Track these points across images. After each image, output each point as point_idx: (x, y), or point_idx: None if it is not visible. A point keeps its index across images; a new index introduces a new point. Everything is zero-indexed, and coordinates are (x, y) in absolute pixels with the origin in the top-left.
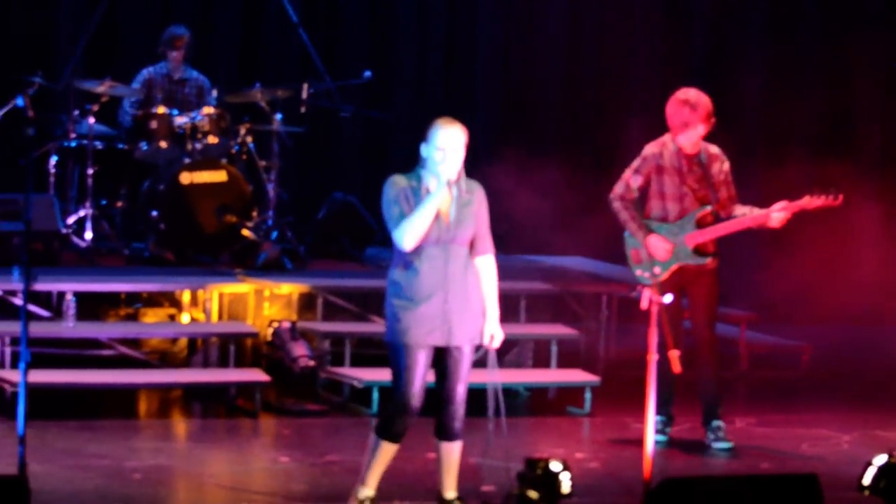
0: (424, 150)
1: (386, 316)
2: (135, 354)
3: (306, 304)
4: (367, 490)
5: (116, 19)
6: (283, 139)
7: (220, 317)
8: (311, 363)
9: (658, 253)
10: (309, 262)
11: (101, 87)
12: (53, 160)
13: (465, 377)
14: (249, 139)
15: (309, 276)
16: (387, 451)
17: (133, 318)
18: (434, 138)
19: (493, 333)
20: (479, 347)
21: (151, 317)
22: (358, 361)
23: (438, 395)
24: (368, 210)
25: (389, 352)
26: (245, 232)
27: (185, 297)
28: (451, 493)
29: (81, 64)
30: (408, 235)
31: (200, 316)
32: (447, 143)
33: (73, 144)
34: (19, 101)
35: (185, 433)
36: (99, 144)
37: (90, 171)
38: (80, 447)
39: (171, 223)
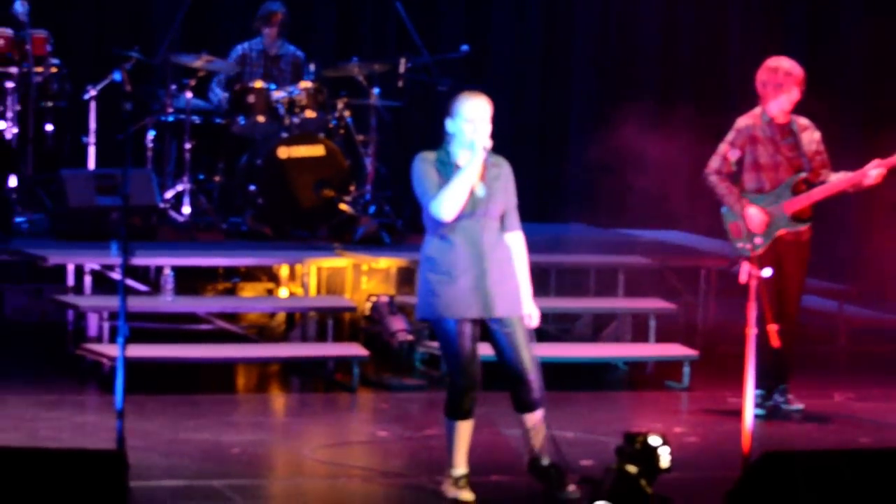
0: (450, 125)
1: (420, 292)
2: (233, 329)
3: (404, 278)
4: (459, 469)
5: None
6: (380, 113)
7: (319, 291)
8: (410, 337)
9: (755, 224)
10: (407, 236)
11: (198, 62)
12: (151, 135)
13: (526, 345)
14: (347, 113)
15: (407, 249)
16: (462, 429)
17: (231, 292)
18: (461, 111)
19: (530, 312)
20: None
21: (249, 291)
22: None
23: (506, 371)
24: None
25: (434, 330)
26: (343, 206)
27: (284, 271)
28: (545, 459)
29: (178, 38)
30: (447, 205)
31: (298, 290)
32: (475, 114)
33: (171, 119)
34: (117, 76)
35: (283, 408)
36: (196, 119)
37: (188, 146)
38: (178, 422)
39: (268, 197)
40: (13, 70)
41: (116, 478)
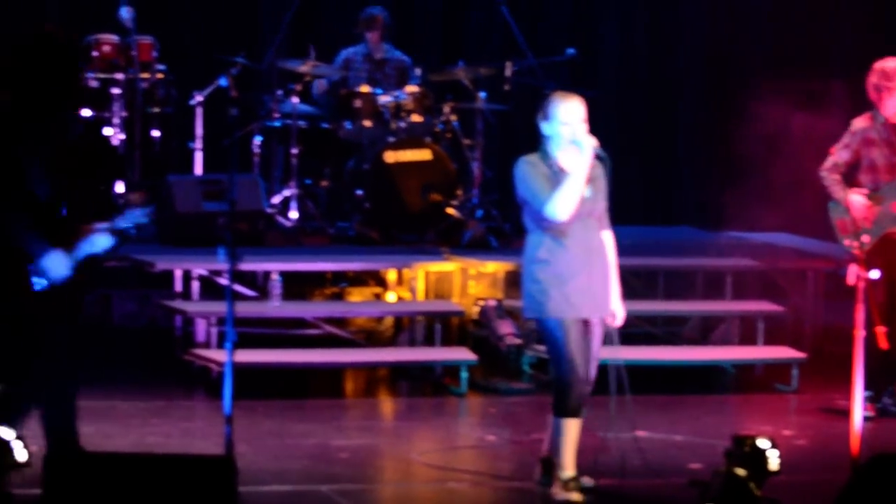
0: (546, 127)
1: (527, 293)
2: (341, 333)
3: (512, 281)
4: (568, 472)
5: None
6: (487, 117)
7: (426, 295)
8: (518, 341)
9: (857, 209)
10: (514, 240)
11: (304, 67)
12: (257, 140)
13: (597, 354)
14: (453, 117)
15: (514, 253)
16: (571, 427)
17: (339, 297)
18: (556, 114)
19: (616, 311)
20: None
21: (357, 296)
22: None
23: None
24: None
25: (542, 329)
26: (450, 210)
27: (391, 275)
28: (570, 471)
29: (284, 44)
30: (562, 206)
31: (406, 294)
32: (570, 117)
33: (277, 124)
34: (223, 82)
35: (392, 412)
36: (303, 124)
37: (294, 151)
38: (286, 427)
39: (376, 202)
40: (120, 76)
41: (225, 483)
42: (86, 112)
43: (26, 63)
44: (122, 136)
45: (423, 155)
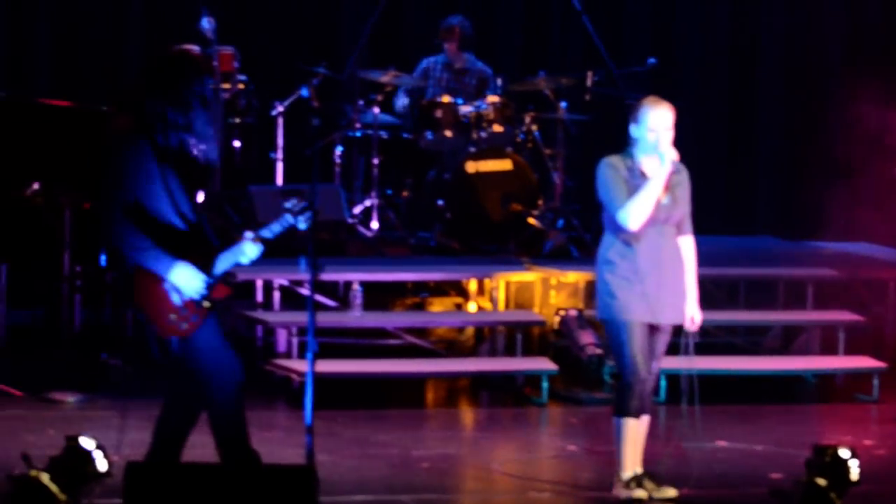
0: (635, 130)
1: (599, 293)
2: (422, 343)
3: (593, 291)
4: (628, 473)
5: (400, 8)
6: (567, 127)
7: (507, 305)
8: (599, 351)
9: None
10: (595, 250)
11: (385, 77)
12: (339, 150)
13: (660, 356)
14: (534, 127)
15: (595, 263)
16: (631, 428)
17: (420, 307)
18: (645, 120)
19: (693, 315)
20: (678, 330)
21: (438, 306)
22: None
23: None
24: None
25: (608, 329)
26: (531, 220)
27: (472, 285)
28: (638, 468)
29: (365, 54)
30: (635, 216)
31: (487, 304)
32: (658, 124)
33: (359, 134)
34: (304, 92)
35: (473, 422)
36: (384, 134)
37: (375, 161)
38: (367, 436)
39: (456, 212)
40: None
41: (306, 493)
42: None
43: (143, 82)
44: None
45: (504, 165)
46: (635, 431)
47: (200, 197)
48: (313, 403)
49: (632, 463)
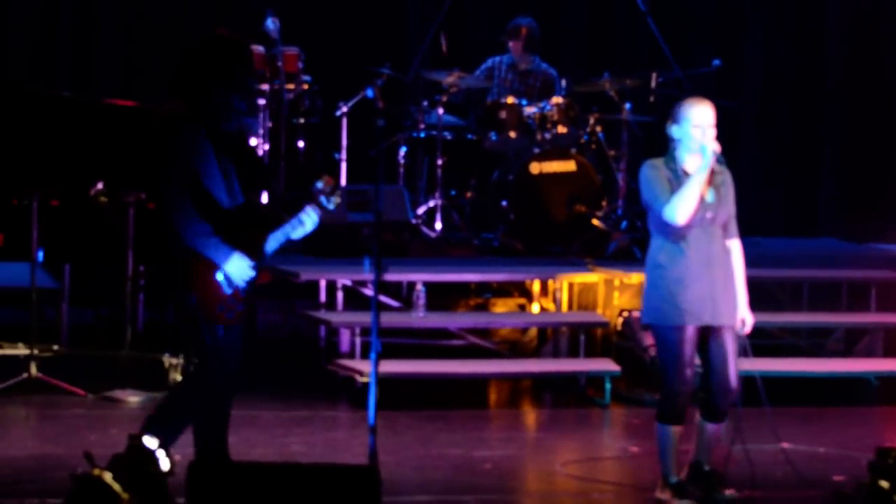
0: (676, 131)
1: (646, 298)
2: (485, 344)
3: None
4: (673, 477)
5: (464, 9)
6: (632, 128)
7: (570, 306)
8: None
9: None
10: None
11: (449, 78)
12: (403, 151)
13: (735, 357)
14: (598, 129)
15: None
16: (674, 434)
17: (483, 307)
18: (689, 116)
19: (745, 318)
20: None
21: (501, 307)
22: None
23: (710, 377)
24: None
25: (656, 334)
26: (595, 221)
27: (535, 286)
28: (706, 466)
29: (430, 55)
30: (681, 209)
31: (550, 306)
32: (703, 120)
33: (423, 135)
34: (369, 93)
35: (535, 423)
36: (448, 135)
37: (439, 162)
38: (430, 437)
39: (520, 213)
40: (265, 87)
41: (369, 493)
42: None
43: (192, 66)
44: (267, 147)
45: (568, 166)
46: (677, 438)
47: (264, 197)
48: (376, 404)
49: (675, 468)
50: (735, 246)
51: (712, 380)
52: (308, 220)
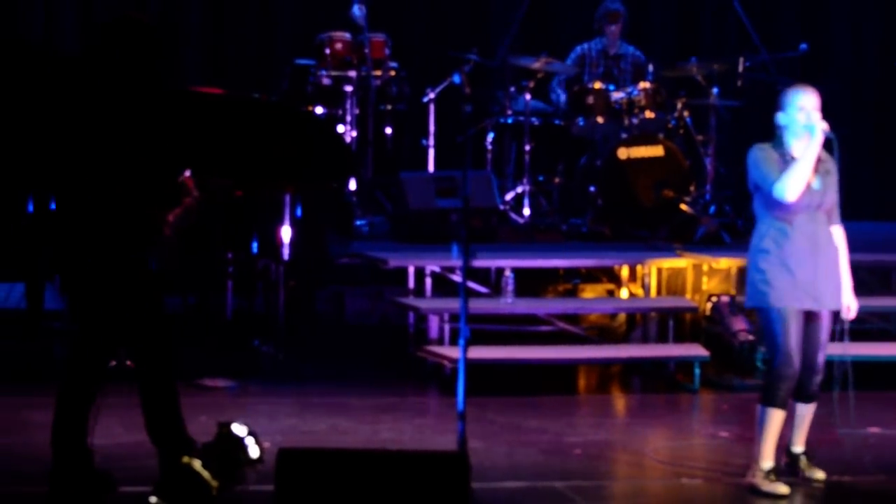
0: (782, 117)
1: (750, 282)
2: (573, 330)
3: (745, 278)
4: (768, 462)
5: None
6: (719, 113)
7: (659, 291)
8: (751, 337)
9: None
10: (747, 236)
11: (537, 64)
12: (490, 137)
13: (825, 343)
14: (686, 113)
15: (747, 249)
16: (776, 418)
17: (571, 293)
18: (793, 102)
19: (849, 304)
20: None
21: (590, 292)
22: None
23: (803, 359)
24: None
25: (761, 318)
26: (683, 206)
27: (624, 272)
28: (799, 447)
29: (517, 40)
30: (791, 187)
31: (639, 291)
32: (807, 103)
33: (510, 121)
34: (456, 79)
35: (624, 408)
36: (535, 121)
37: (527, 148)
38: (519, 423)
39: (608, 198)
40: (352, 74)
41: (458, 479)
42: (319, 109)
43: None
44: (355, 134)
45: (656, 151)
46: (779, 422)
47: (353, 184)
48: (465, 390)
49: (771, 453)
50: (838, 232)
51: (804, 360)
52: None
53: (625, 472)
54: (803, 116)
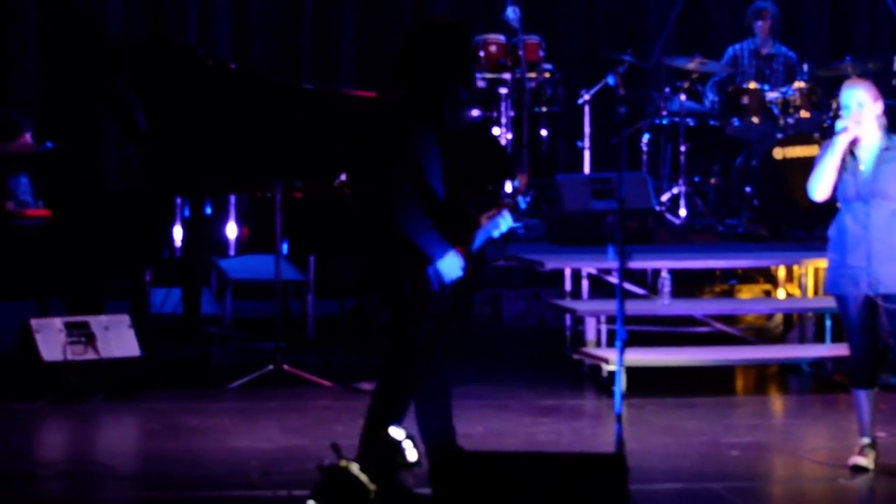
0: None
1: (827, 269)
2: (730, 331)
3: None
4: (867, 438)
5: None
6: None
7: (816, 292)
8: None
9: None
10: None
11: (691, 65)
12: (646, 138)
13: (884, 327)
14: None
15: None
16: (862, 398)
17: (728, 294)
18: (840, 101)
19: None
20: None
21: (746, 293)
22: None
23: (877, 343)
24: None
25: (836, 303)
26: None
27: (781, 272)
28: (866, 438)
29: (671, 41)
30: (813, 185)
31: (796, 291)
32: (845, 100)
33: (665, 122)
34: (610, 80)
35: (782, 409)
36: (690, 121)
37: (683, 149)
38: (677, 424)
39: (764, 199)
40: (507, 76)
41: (616, 481)
42: (474, 112)
43: (419, 54)
44: (510, 136)
45: (812, 151)
46: (868, 401)
47: (508, 187)
48: (623, 392)
49: (866, 430)
50: None
51: (878, 344)
52: (503, 222)
53: (782, 474)
54: (843, 114)
